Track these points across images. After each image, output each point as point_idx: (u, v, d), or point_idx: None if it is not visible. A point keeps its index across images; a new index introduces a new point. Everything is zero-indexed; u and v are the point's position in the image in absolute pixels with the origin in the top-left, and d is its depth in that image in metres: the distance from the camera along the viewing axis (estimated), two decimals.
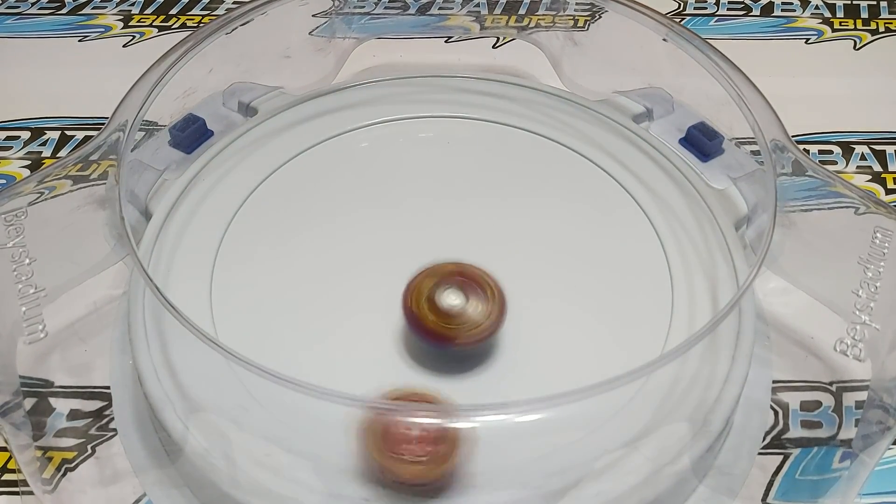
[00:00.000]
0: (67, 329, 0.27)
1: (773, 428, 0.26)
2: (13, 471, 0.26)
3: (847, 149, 0.36)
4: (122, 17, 0.42)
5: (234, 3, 0.43)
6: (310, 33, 0.35)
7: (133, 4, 0.43)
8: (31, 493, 0.24)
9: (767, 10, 0.43)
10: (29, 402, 0.26)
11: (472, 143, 0.31)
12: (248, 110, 0.32)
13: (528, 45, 0.36)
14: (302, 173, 0.30)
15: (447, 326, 0.23)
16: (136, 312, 0.25)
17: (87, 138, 0.35)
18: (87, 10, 0.43)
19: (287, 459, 0.22)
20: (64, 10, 0.43)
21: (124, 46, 0.41)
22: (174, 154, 0.30)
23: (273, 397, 0.23)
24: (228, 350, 0.21)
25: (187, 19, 0.42)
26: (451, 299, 0.23)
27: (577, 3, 0.37)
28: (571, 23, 0.36)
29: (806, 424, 0.27)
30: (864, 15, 0.43)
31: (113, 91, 0.28)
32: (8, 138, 0.36)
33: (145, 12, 0.43)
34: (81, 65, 0.40)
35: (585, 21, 0.36)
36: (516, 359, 0.25)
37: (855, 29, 0.42)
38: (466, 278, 0.24)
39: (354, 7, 0.37)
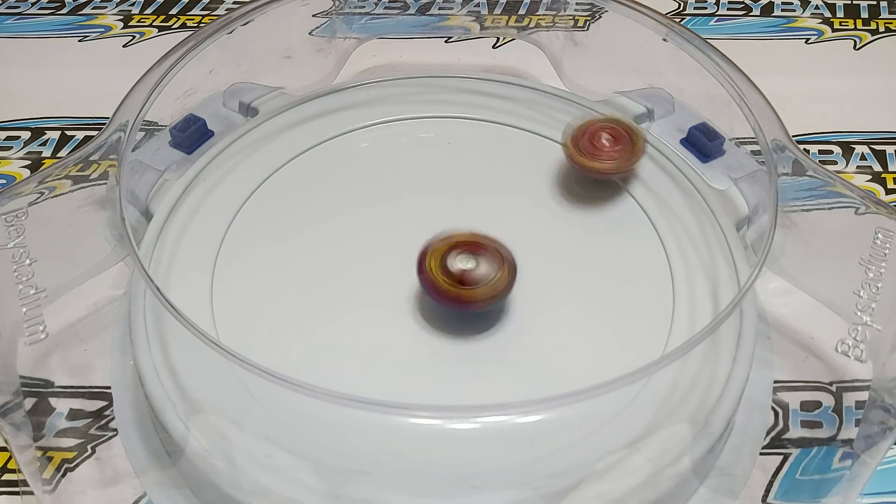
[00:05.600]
0: (68, 329, 0.27)
1: (772, 428, 0.26)
2: (13, 471, 0.26)
3: (847, 149, 0.36)
4: (122, 17, 0.42)
5: (234, 3, 0.43)
6: (310, 33, 0.35)
7: (133, 4, 0.43)
8: (31, 493, 0.24)
9: (767, 10, 0.43)
10: (29, 402, 0.26)
11: (473, 143, 0.31)
12: (248, 111, 0.32)
13: (528, 45, 0.36)
14: (303, 174, 0.30)
15: (461, 288, 0.24)
16: (136, 313, 0.25)
17: (87, 138, 0.35)
18: (87, 10, 0.43)
19: (288, 460, 0.22)
20: (64, 10, 0.43)
21: (124, 46, 0.41)
22: (175, 154, 0.30)
23: (274, 398, 0.23)
24: (229, 351, 0.21)
25: (187, 19, 0.42)
26: (462, 263, 0.24)
27: (577, 3, 0.37)
28: (571, 23, 0.36)
29: (806, 424, 0.27)
30: (864, 15, 0.43)
31: (113, 91, 0.28)
32: (8, 138, 0.36)
33: (145, 12, 0.43)
34: (81, 65, 0.40)
35: (585, 21, 0.36)
36: (516, 359, 0.25)
37: (855, 29, 0.42)
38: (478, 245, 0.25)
39: (355, 7, 0.37)
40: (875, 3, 0.44)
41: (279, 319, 0.25)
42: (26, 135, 0.36)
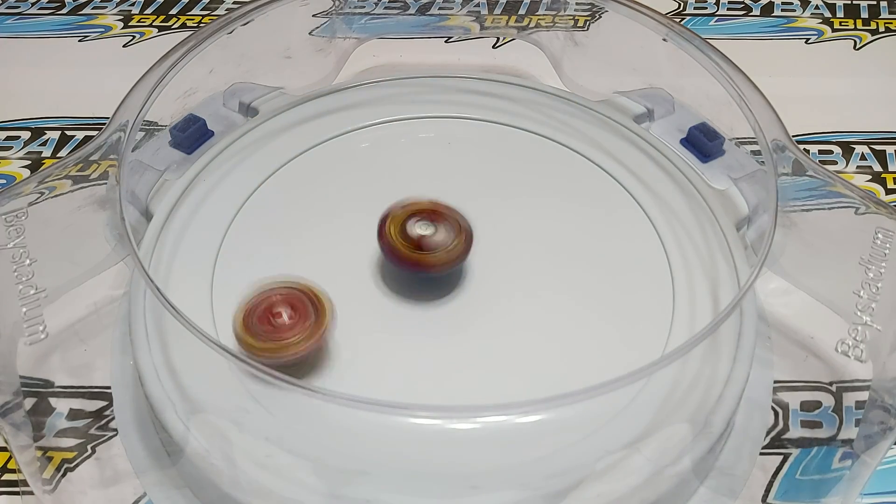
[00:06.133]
0: (68, 329, 0.27)
1: (772, 428, 0.26)
2: (13, 471, 0.26)
3: (847, 149, 0.36)
4: (122, 17, 0.42)
5: (234, 3, 0.43)
6: (310, 33, 0.35)
7: (133, 4, 0.43)
8: (31, 493, 0.24)
9: (767, 10, 0.43)
10: (29, 402, 0.26)
11: (473, 143, 0.31)
12: (248, 111, 0.32)
13: (528, 45, 0.36)
14: (303, 174, 0.30)
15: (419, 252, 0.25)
16: (136, 313, 0.25)
17: (87, 138, 0.35)
18: (87, 10, 0.43)
19: (287, 460, 0.22)
20: (64, 10, 0.43)
21: (124, 46, 0.41)
22: (175, 154, 0.30)
23: (274, 398, 0.23)
24: (229, 351, 0.21)
25: (187, 19, 0.42)
26: (421, 229, 0.25)
27: (577, 3, 0.37)
28: (571, 23, 0.36)
29: (806, 424, 0.27)
30: (864, 15, 0.43)
31: (113, 91, 0.28)
32: (8, 138, 0.36)
33: (145, 12, 0.43)
34: (81, 65, 0.40)
35: (585, 21, 0.36)
36: (517, 360, 0.25)
37: (855, 29, 0.42)
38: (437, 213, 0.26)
39: (355, 7, 0.37)
40: (875, 3, 0.44)
41: None
42: (26, 135, 0.36)
